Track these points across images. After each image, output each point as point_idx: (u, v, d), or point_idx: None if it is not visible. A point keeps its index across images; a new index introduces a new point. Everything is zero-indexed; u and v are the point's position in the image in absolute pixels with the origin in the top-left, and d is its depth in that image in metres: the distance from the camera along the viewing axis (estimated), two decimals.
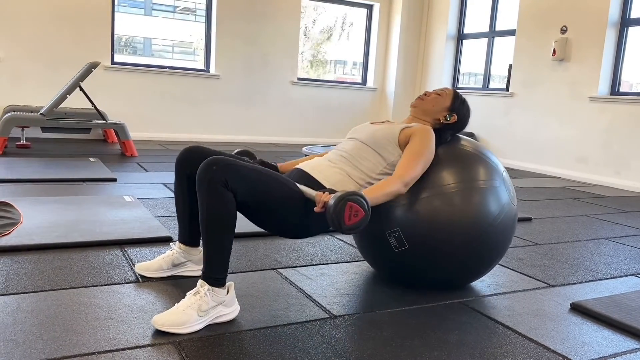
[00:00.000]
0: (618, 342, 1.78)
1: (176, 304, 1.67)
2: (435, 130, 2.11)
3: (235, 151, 2.16)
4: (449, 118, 2.11)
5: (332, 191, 1.73)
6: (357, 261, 2.45)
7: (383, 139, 2.00)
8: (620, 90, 5.73)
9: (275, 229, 1.82)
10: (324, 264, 2.37)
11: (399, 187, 1.84)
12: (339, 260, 2.44)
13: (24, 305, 1.75)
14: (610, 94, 5.73)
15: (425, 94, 2.15)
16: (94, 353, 1.47)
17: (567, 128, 6.03)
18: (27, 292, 1.85)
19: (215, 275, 1.68)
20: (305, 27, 8.29)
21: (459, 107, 2.13)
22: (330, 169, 1.96)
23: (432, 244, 1.95)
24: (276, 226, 1.81)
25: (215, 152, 1.92)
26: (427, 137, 1.95)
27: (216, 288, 1.68)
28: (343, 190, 1.69)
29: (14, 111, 5.58)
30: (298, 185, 1.80)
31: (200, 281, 1.69)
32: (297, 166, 2.02)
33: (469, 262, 2.02)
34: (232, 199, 1.65)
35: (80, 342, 1.52)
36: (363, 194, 1.69)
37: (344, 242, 2.75)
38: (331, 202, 1.63)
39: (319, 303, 1.93)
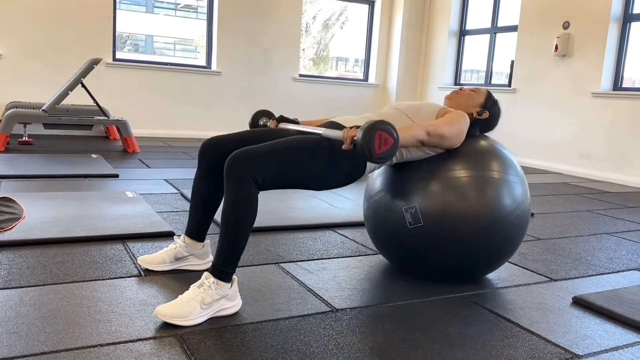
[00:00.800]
0: (620, 335, 1.78)
1: (179, 296, 1.67)
2: None
3: (252, 114, 2.20)
4: (481, 114, 2.17)
5: (358, 128, 1.72)
6: (359, 256, 2.45)
7: (422, 111, 2.06)
8: (623, 86, 5.71)
9: (301, 186, 1.84)
10: (325, 259, 2.37)
11: (421, 132, 1.90)
12: (341, 255, 2.44)
13: (26, 298, 1.75)
14: (613, 90, 5.71)
15: (461, 89, 2.23)
16: (96, 346, 1.47)
17: (570, 124, 6.02)
18: (29, 286, 1.85)
19: (224, 269, 1.69)
20: (306, 24, 8.27)
21: (491, 106, 2.21)
22: (361, 122, 1.98)
23: (445, 225, 1.98)
24: (302, 183, 1.82)
25: (236, 140, 1.93)
26: (462, 116, 2.02)
27: (221, 281, 1.68)
28: (371, 120, 1.69)
29: (17, 108, 5.59)
30: (323, 130, 1.81)
31: (205, 273, 1.69)
32: (329, 120, 2.06)
33: (480, 251, 2.03)
34: (257, 194, 1.68)
35: (83, 334, 1.53)
36: (390, 122, 1.70)
37: (346, 237, 2.75)
38: (360, 133, 1.63)
39: (320, 297, 1.93)
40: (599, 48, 5.69)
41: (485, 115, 2.17)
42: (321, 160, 1.80)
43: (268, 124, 2.21)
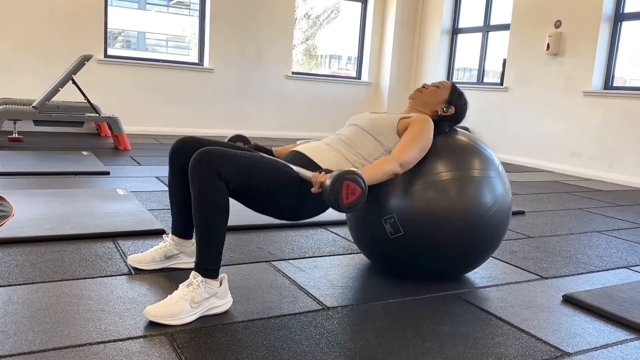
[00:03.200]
0: (609, 333, 1.79)
1: (169, 295, 1.66)
2: (433, 122, 2.11)
3: (228, 137, 2.16)
4: (447, 110, 2.13)
5: (328, 171, 1.72)
6: (350, 254, 2.45)
7: (382, 126, 2.02)
8: (614, 84, 5.74)
9: (271, 213, 1.83)
10: (317, 257, 2.37)
11: (394, 166, 1.86)
12: (332, 253, 2.44)
13: (15, 297, 1.73)
14: (604, 89, 5.74)
15: (424, 87, 2.17)
16: (85, 344, 1.46)
17: (561, 122, 6.05)
18: (18, 284, 1.84)
19: (208, 266, 1.68)
20: (298, 20, 8.25)
21: (456, 100, 2.15)
22: (328, 152, 1.97)
23: (427, 231, 1.96)
24: (272, 210, 1.81)
25: (208, 142, 1.91)
26: (425, 125, 1.97)
27: (209, 279, 1.67)
28: (339, 169, 1.69)
29: (6, 104, 5.54)
30: (294, 167, 1.80)
31: (193, 272, 1.68)
32: (294, 149, 2.02)
33: (463, 251, 2.02)
34: (225, 188, 1.65)
35: (72, 333, 1.52)
36: (359, 172, 1.69)
37: (337, 235, 2.74)
38: (328, 182, 1.63)
39: (312, 295, 1.93)
40: (591, 47, 5.72)
41: (451, 110, 2.13)
42: (287, 180, 1.76)
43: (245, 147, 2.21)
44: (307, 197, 1.80)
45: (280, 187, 1.75)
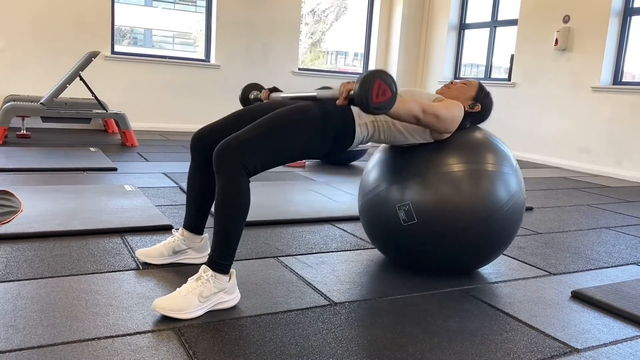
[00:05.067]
0: (619, 329, 1.77)
1: (177, 289, 1.67)
2: None
3: (243, 88, 2.24)
4: (473, 107, 2.14)
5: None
6: (358, 249, 2.45)
7: (419, 95, 2.02)
8: (623, 80, 5.69)
9: (298, 159, 1.85)
10: (324, 252, 2.37)
11: (416, 107, 1.84)
12: (340, 249, 2.44)
13: (24, 292, 1.74)
14: (613, 84, 5.70)
15: (452, 83, 2.20)
16: (93, 339, 1.47)
17: (569, 118, 6.01)
18: (27, 279, 1.85)
19: (221, 261, 1.69)
20: (304, 16, 8.23)
21: (483, 98, 2.17)
22: None
23: (440, 221, 1.97)
24: (299, 157, 1.84)
25: (224, 128, 1.91)
26: (458, 104, 1.99)
27: (219, 274, 1.68)
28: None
29: (14, 101, 5.56)
30: (317, 92, 1.80)
31: (203, 266, 1.69)
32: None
33: (475, 244, 2.03)
34: (248, 186, 1.68)
35: (80, 328, 1.52)
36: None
37: (345, 231, 2.74)
38: (358, 81, 1.60)
39: (319, 290, 1.93)
40: (599, 42, 5.67)
41: (477, 108, 2.14)
42: (308, 130, 1.79)
43: (259, 96, 2.20)
44: (324, 128, 1.82)
45: (297, 135, 1.77)
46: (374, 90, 1.60)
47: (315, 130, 1.81)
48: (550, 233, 3.01)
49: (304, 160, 1.89)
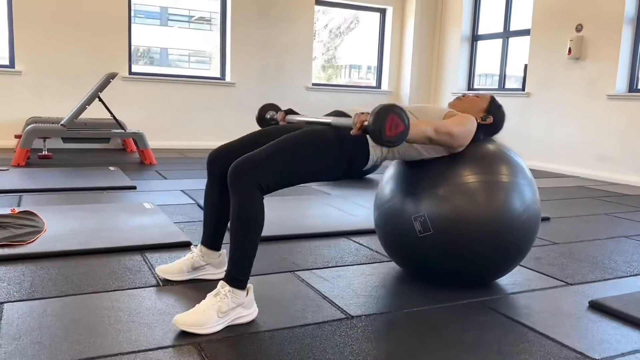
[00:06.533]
0: (638, 339, 1.77)
1: (197, 305, 1.71)
2: None
3: (260, 108, 2.31)
4: (485, 119, 2.17)
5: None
6: (374, 263, 2.47)
7: (430, 112, 2.06)
8: (639, 87, 5.66)
9: (311, 181, 1.89)
10: (340, 266, 2.39)
11: (429, 128, 1.88)
12: (356, 262, 2.46)
13: (49, 309, 1.80)
14: (629, 92, 5.66)
15: (464, 95, 2.24)
16: (117, 354, 1.51)
17: (585, 127, 5.97)
18: (51, 297, 1.90)
19: (238, 277, 1.72)
20: (317, 32, 8.32)
21: (495, 111, 2.20)
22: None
23: (455, 232, 1.99)
24: (313, 179, 1.87)
25: (241, 147, 1.96)
26: (470, 118, 2.02)
27: (236, 290, 1.71)
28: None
29: (36, 123, 5.70)
30: (332, 119, 1.84)
31: (221, 282, 1.72)
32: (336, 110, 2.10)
33: (491, 256, 2.04)
34: (262, 202, 1.72)
35: (104, 344, 1.57)
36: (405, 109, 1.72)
37: (361, 244, 2.76)
38: (372, 116, 1.64)
39: (336, 304, 1.95)
40: (613, 50, 5.65)
41: (490, 120, 2.17)
42: (323, 152, 1.83)
43: (275, 117, 2.25)
44: (339, 151, 1.86)
45: (311, 157, 1.81)
46: (387, 124, 1.64)
47: (330, 153, 1.85)
48: (568, 243, 3.00)
49: None
